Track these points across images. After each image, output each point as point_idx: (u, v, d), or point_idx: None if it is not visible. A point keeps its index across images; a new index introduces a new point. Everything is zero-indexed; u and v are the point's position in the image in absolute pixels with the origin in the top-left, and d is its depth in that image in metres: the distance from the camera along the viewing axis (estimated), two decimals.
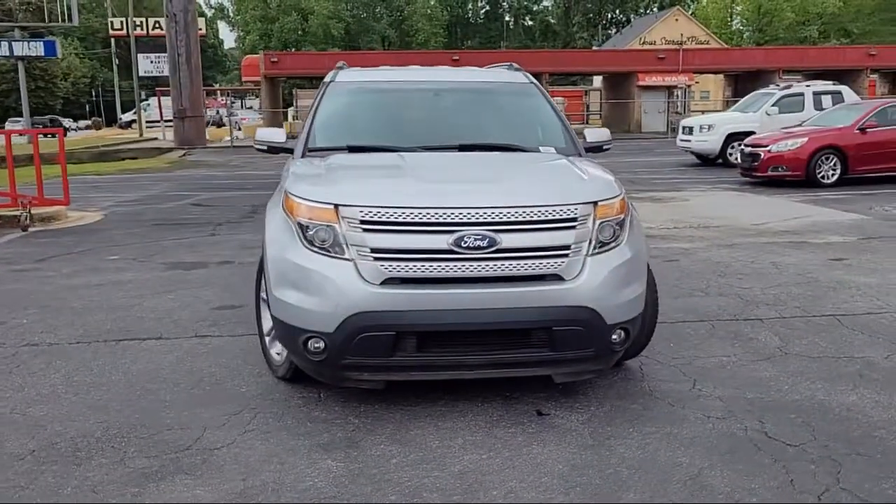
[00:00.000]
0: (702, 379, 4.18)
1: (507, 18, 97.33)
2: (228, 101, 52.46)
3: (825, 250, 7.84)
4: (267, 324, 4.37)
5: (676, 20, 53.37)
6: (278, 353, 4.24)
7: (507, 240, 3.48)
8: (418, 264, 3.46)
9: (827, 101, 17.35)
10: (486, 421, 3.64)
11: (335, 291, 3.48)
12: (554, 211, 3.57)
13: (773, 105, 17.57)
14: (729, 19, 67.85)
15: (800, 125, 14.91)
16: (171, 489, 3.03)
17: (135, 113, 49.77)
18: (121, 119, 62.29)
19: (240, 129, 37.20)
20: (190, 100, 28.56)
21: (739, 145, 16.69)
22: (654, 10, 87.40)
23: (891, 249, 7.83)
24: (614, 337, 3.67)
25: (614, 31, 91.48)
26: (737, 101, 22.69)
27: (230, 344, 4.88)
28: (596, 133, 5.07)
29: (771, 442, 3.41)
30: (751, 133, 16.27)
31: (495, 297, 3.47)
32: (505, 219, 3.50)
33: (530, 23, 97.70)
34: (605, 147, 5.04)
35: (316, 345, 3.56)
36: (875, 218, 9.95)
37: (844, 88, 18.12)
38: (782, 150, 13.31)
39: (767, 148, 13.46)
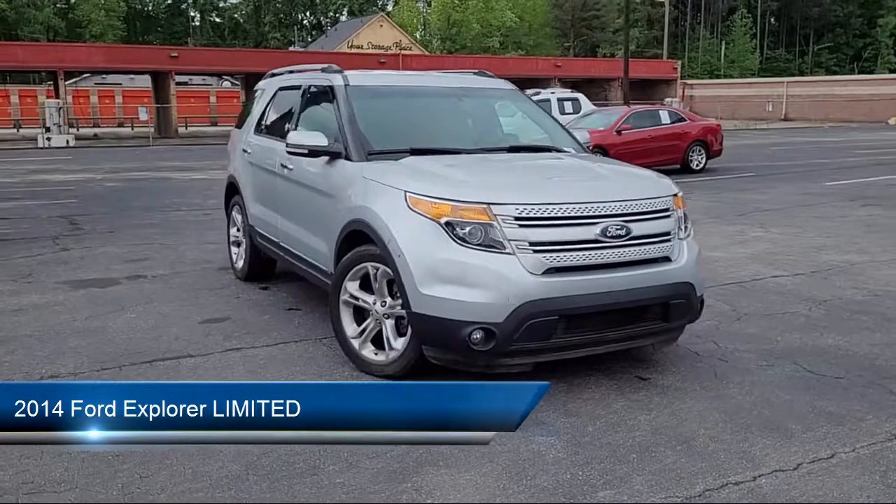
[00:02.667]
0: (718, 340, 5.06)
1: (192, 13, 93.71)
2: None
3: None
4: (351, 328, 4.42)
5: (381, 26, 55.77)
6: (375, 353, 4.33)
7: (636, 228, 4.03)
8: (573, 254, 3.87)
9: (568, 106, 19.78)
10: (609, 392, 4.14)
11: (505, 284, 3.76)
12: (659, 202, 4.20)
13: None
14: (422, 27, 72.21)
15: None
16: (442, 480, 3.16)
17: None
18: None
19: None
20: None
21: None
22: (344, 14, 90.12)
23: (707, 231, 9.51)
24: (698, 307, 4.40)
25: (306, 33, 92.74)
26: None
27: (279, 353, 4.76)
28: (581, 135, 5.73)
29: (822, 377, 4.37)
30: None
31: (630, 279, 4.01)
32: (633, 210, 4.06)
33: (218, 20, 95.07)
34: (587, 147, 5.72)
35: (477, 335, 3.79)
36: None
37: (580, 95, 20.81)
38: None
39: None
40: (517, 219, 3.84)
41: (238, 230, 6.75)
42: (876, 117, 45.06)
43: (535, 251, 3.83)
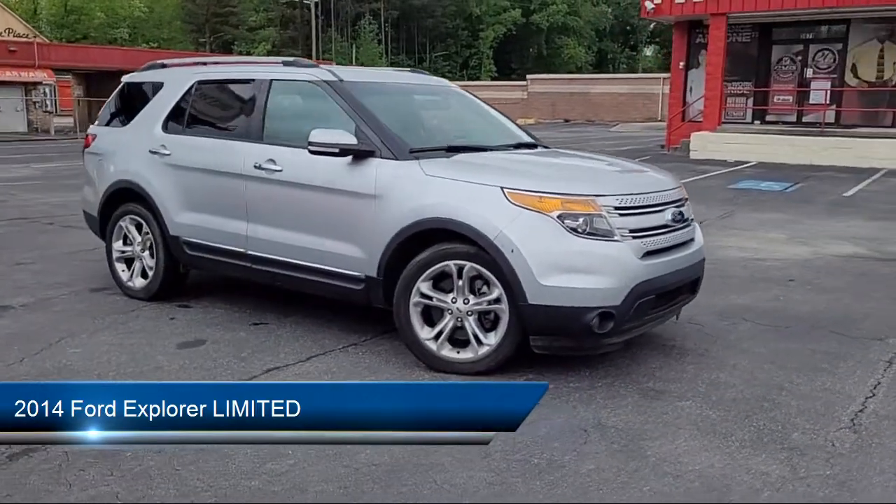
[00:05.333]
0: None
1: None
2: None
3: None
4: (424, 330, 4.34)
5: None
6: (458, 352, 4.31)
7: (685, 212, 4.60)
8: (657, 238, 4.33)
9: None
10: (666, 360, 4.64)
11: (621, 268, 4.08)
12: (680, 191, 4.81)
13: None
14: (32, 12, 64.00)
15: None
16: (667, 449, 3.43)
17: None
18: None
19: None
20: None
21: None
22: None
23: None
24: None
25: None
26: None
27: (327, 366, 4.45)
28: None
29: (780, 328, 5.36)
30: None
31: (685, 258, 4.58)
32: (678, 197, 4.63)
33: None
34: None
35: (598, 319, 4.05)
36: None
37: None
38: None
39: None
40: (617, 209, 4.17)
41: (129, 244, 5.85)
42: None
43: (634, 237, 4.19)
